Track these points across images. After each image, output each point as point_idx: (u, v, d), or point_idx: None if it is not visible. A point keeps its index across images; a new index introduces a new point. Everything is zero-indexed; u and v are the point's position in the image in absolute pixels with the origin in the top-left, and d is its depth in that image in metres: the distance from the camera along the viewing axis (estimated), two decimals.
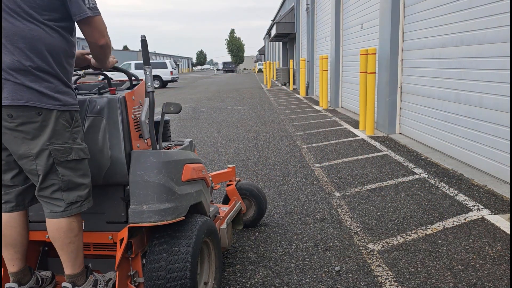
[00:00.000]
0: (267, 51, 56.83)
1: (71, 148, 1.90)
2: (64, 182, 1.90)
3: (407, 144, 6.41)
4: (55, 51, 1.86)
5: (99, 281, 2.05)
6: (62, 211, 1.91)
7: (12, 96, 1.78)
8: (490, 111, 4.54)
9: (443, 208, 3.74)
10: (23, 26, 1.78)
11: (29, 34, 1.79)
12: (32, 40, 1.80)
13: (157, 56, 75.32)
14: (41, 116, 1.82)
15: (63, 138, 1.88)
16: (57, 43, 1.87)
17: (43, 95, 1.82)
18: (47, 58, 1.83)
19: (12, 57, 1.78)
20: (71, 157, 1.90)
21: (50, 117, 1.84)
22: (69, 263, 1.96)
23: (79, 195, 1.94)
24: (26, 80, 1.79)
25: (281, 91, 19.16)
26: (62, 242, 1.93)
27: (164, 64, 26.65)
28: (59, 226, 1.92)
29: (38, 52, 1.81)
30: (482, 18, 4.68)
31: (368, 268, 2.75)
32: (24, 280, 2.04)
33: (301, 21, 20.36)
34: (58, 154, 1.86)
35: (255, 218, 3.43)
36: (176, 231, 2.10)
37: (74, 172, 1.92)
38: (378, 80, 7.64)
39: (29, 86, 1.79)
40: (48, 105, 1.83)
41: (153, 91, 2.25)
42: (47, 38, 1.83)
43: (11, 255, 2.00)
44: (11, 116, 1.79)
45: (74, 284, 1.96)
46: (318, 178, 4.83)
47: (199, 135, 7.98)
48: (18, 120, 1.80)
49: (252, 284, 2.62)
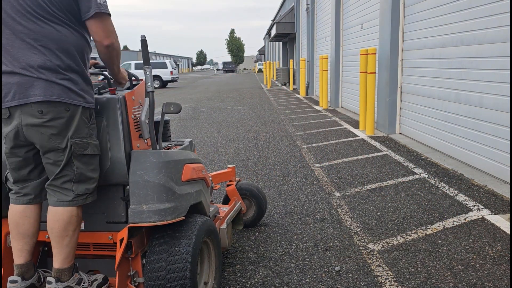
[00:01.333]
0: (267, 51, 56.83)
1: (88, 143, 2.00)
2: (76, 174, 1.99)
3: (407, 144, 6.41)
4: (80, 50, 1.99)
5: (83, 280, 2.06)
6: (69, 201, 1.99)
7: (44, 92, 1.88)
8: (490, 111, 4.53)
9: (443, 208, 3.74)
10: (51, 28, 1.90)
11: (57, 35, 1.92)
12: (60, 40, 1.92)
13: (157, 56, 75.33)
14: (69, 111, 1.94)
15: (83, 134, 1.99)
16: (81, 42, 2.00)
17: (72, 91, 1.94)
18: (75, 57, 1.97)
19: (43, 57, 1.89)
20: (87, 151, 2.00)
21: (76, 113, 1.96)
22: (60, 256, 1.99)
23: (87, 188, 2.02)
24: (56, 78, 1.91)
25: (281, 91, 19.16)
26: (59, 233, 1.97)
27: (164, 64, 26.65)
28: (60, 217, 1.97)
29: (66, 52, 1.94)
30: (482, 18, 4.68)
31: (368, 268, 2.75)
32: (28, 274, 2.07)
33: (301, 21, 20.36)
34: (77, 148, 1.97)
35: (255, 218, 3.43)
36: (176, 231, 2.10)
37: (87, 166, 2.01)
38: (378, 80, 7.64)
39: (59, 83, 1.91)
40: (75, 101, 1.95)
41: (153, 91, 2.25)
42: (73, 38, 1.96)
43: (21, 245, 2.05)
44: (41, 112, 1.89)
45: (58, 280, 1.99)
46: (318, 178, 4.83)
47: (199, 135, 7.98)
48: (48, 116, 1.90)
49: (252, 284, 2.62)
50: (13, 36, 1.88)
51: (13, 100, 1.88)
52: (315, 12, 15.90)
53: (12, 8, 1.87)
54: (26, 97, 1.88)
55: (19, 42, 1.88)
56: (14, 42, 1.88)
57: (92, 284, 2.09)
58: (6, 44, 1.89)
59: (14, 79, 1.89)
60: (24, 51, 1.88)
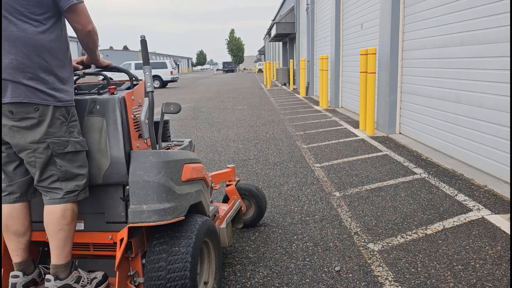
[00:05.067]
0: (267, 51, 56.83)
1: (67, 141, 2.00)
2: (62, 173, 2.00)
3: (407, 144, 6.41)
4: (50, 49, 1.95)
5: (82, 278, 2.07)
6: (60, 198, 2.01)
7: (11, 94, 1.89)
8: (490, 111, 4.53)
9: (443, 208, 3.74)
10: (16, 27, 1.88)
11: (23, 33, 1.88)
12: (27, 39, 1.89)
13: (157, 56, 75.33)
14: (38, 111, 1.93)
15: (60, 132, 1.99)
16: (51, 41, 1.95)
17: (40, 92, 1.93)
18: (42, 56, 1.93)
19: (10, 56, 1.87)
20: (67, 149, 2.00)
21: (47, 112, 1.95)
22: (56, 251, 2.00)
23: (77, 184, 2.03)
24: (24, 79, 1.90)
25: (281, 91, 19.16)
26: (54, 228, 1.99)
27: (164, 64, 26.65)
28: (54, 212, 1.99)
29: (35, 50, 1.91)
30: (482, 18, 4.68)
31: (368, 268, 2.75)
32: (28, 270, 2.10)
33: (301, 21, 20.36)
34: (56, 147, 1.97)
35: (255, 218, 3.43)
36: (176, 231, 2.10)
37: (72, 163, 2.02)
38: (378, 80, 7.64)
39: (26, 84, 1.90)
40: (44, 101, 1.94)
41: (153, 91, 2.25)
42: (41, 36, 1.92)
43: (15, 245, 2.07)
44: (11, 112, 1.90)
45: (56, 277, 2.00)
46: (318, 178, 4.83)
47: (199, 135, 7.98)
48: (18, 116, 1.91)
49: (252, 284, 2.61)
50: None
51: None
52: (315, 12, 15.90)
53: None
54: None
55: None
56: None
57: (91, 282, 2.09)
58: None
59: None
60: None
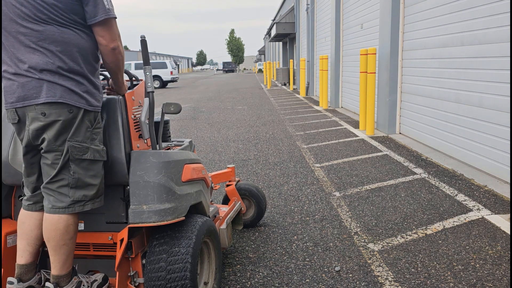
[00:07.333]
0: (267, 51, 56.82)
1: (88, 147, 1.96)
2: (73, 179, 1.94)
3: (407, 144, 6.41)
4: (84, 52, 1.96)
5: (82, 282, 2.06)
6: (65, 208, 1.94)
7: (47, 93, 1.87)
8: (490, 111, 4.53)
9: (443, 208, 3.74)
10: (54, 30, 1.88)
11: (60, 36, 1.89)
12: (63, 42, 1.90)
13: (157, 56, 75.31)
14: (71, 113, 1.91)
15: (83, 137, 1.95)
16: (86, 44, 1.96)
17: (74, 93, 1.91)
18: (77, 59, 1.93)
19: (45, 58, 1.88)
20: (86, 156, 1.96)
21: (78, 115, 1.93)
22: (58, 264, 1.98)
23: (85, 194, 1.97)
24: (59, 79, 1.89)
25: (281, 91, 19.16)
26: (56, 243, 1.95)
27: (164, 64, 26.65)
28: (57, 226, 1.94)
29: (69, 54, 1.91)
30: (482, 18, 4.68)
31: (368, 268, 2.75)
32: (26, 276, 2.06)
33: (301, 21, 20.36)
34: (74, 151, 1.93)
35: (255, 218, 3.43)
36: (176, 232, 2.10)
37: (86, 171, 1.97)
38: (378, 80, 7.64)
39: (61, 84, 1.89)
40: (78, 103, 1.92)
41: (153, 91, 2.25)
42: (77, 40, 1.93)
43: (24, 245, 2.05)
44: (44, 114, 1.88)
45: (57, 285, 1.98)
46: (318, 178, 4.83)
47: (199, 135, 7.98)
48: (51, 118, 1.88)
49: (252, 284, 2.62)
50: (15, 38, 1.88)
51: (18, 102, 1.89)
52: (315, 12, 15.90)
53: (14, 10, 1.86)
54: (29, 99, 1.87)
55: (21, 44, 1.88)
56: (16, 44, 1.88)
57: (91, 285, 2.08)
58: (10, 46, 1.89)
59: (18, 81, 1.88)
60: (27, 53, 1.87)
